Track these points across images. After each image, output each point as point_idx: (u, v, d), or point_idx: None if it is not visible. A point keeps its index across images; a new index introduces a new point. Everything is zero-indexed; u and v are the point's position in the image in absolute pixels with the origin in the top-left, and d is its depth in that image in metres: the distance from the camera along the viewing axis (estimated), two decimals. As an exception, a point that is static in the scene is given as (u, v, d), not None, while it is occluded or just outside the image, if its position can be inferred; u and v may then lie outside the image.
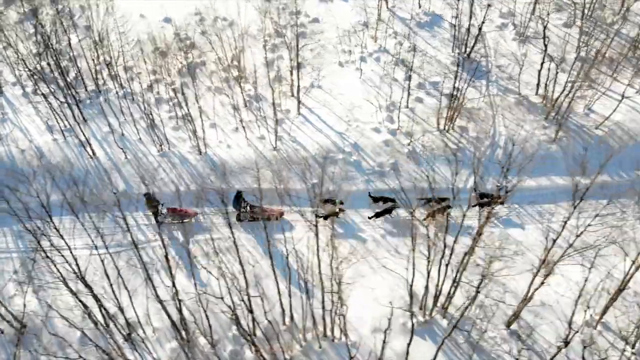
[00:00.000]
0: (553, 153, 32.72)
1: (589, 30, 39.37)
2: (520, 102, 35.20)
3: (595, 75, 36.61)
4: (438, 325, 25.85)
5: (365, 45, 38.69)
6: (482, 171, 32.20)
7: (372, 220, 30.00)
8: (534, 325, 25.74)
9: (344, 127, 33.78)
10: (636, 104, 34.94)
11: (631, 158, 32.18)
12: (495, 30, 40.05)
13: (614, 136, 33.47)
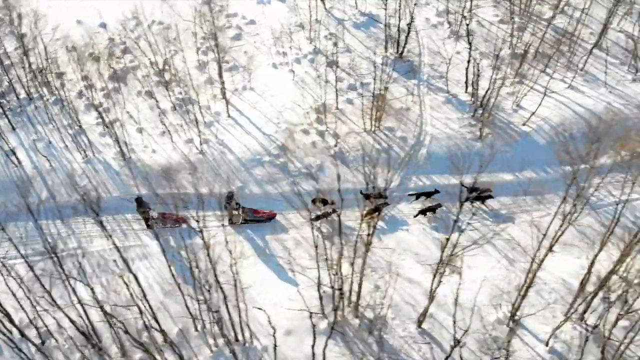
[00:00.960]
0: (478, 151, 32.80)
1: (523, 26, 39.75)
2: (449, 100, 35.32)
3: (526, 71, 36.95)
4: (349, 325, 25.84)
5: (300, 46, 38.67)
6: (405, 171, 32.53)
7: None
8: (446, 324, 25.78)
9: (273, 129, 33.74)
10: (565, 99, 35.20)
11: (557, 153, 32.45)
12: (430, 29, 40.20)
13: (540, 132, 33.68)
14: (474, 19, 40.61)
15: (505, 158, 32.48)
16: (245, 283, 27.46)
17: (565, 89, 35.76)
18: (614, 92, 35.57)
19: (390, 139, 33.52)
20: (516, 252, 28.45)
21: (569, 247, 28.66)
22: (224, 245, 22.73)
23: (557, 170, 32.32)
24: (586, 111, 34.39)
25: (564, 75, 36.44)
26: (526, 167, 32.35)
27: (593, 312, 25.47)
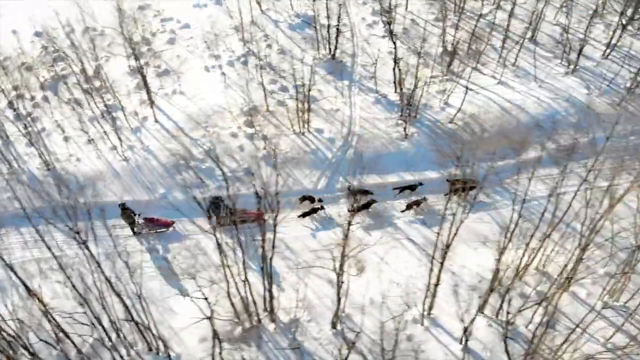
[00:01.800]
0: (404, 150, 32.83)
1: (457, 23, 39.84)
2: (378, 100, 35.31)
3: (457, 68, 37.07)
4: (265, 330, 25.75)
5: (233, 49, 38.49)
6: (333, 171, 32.49)
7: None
8: (362, 324, 25.75)
9: (201, 133, 33.56)
10: (494, 95, 35.31)
11: (483, 150, 32.50)
12: (365, 29, 40.16)
13: (467, 129, 33.76)
14: (408, 17, 40.78)
15: (430, 156, 32.55)
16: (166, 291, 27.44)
17: (496, 85, 35.90)
18: (544, 86, 35.75)
19: (318, 140, 33.45)
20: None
21: (490, 243, 28.73)
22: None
23: (482, 166, 32.37)
24: (514, 106, 34.54)
25: (494, 71, 36.56)
26: (452, 164, 32.36)
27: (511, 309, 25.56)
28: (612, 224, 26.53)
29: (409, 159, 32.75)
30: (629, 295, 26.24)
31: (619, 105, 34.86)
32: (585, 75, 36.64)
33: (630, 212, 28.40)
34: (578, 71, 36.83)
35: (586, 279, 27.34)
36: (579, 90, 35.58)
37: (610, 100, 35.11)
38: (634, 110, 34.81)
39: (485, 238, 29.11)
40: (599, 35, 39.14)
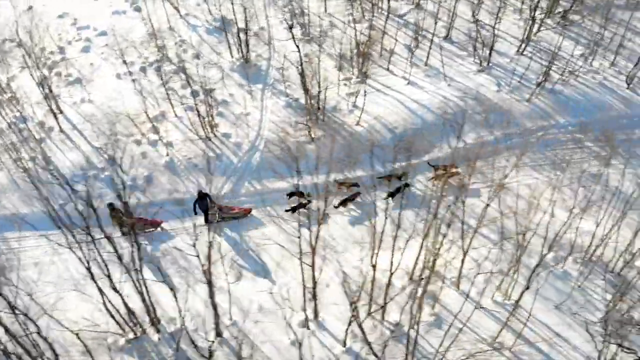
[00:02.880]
0: (309, 153, 32.62)
1: (374, 24, 39.80)
2: (289, 104, 35.15)
3: (370, 69, 37.01)
4: (149, 340, 25.46)
5: (148, 55, 38.18)
6: (238, 177, 32.28)
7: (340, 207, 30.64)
8: (249, 331, 25.53)
9: (104, 141, 33.20)
10: (402, 96, 35.27)
11: (390, 150, 32.42)
12: (283, 32, 39.97)
13: (373, 131, 33.67)
14: (328, 19, 40.70)
15: (336, 159, 32.35)
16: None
17: (405, 85, 35.86)
18: (453, 85, 35.75)
19: (225, 145, 33.23)
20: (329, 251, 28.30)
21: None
22: None
23: (387, 168, 32.34)
24: (420, 106, 34.50)
25: (404, 70, 36.52)
26: (357, 166, 32.33)
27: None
28: (501, 221, 26.53)
29: (314, 161, 32.51)
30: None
31: (528, 101, 34.92)
32: (498, 72, 36.72)
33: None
34: (491, 68, 36.91)
35: (478, 276, 27.43)
36: (489, 88, 35.63)
37: (520, 96, 35.16)
38: (544, 105, 34.90)
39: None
40: (516, 32, 39.25)
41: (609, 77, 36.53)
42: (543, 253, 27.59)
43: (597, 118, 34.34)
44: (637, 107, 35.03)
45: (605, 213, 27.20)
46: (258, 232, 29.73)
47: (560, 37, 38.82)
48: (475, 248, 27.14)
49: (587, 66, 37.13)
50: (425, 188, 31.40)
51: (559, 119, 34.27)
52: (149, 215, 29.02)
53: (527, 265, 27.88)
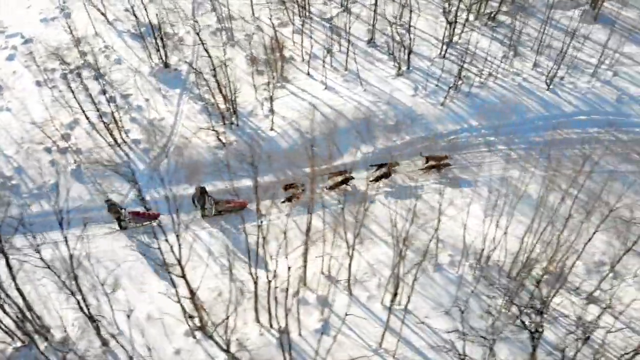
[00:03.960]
0: (221, 159, 32.54)
1: (299, 28, 39.78)
2: (205, 109, 35.06)
3: (290, 73, 37.00)
4: (35, 349, 25.35)
5: (70, 62, 38.06)
6: (144, 184, 32.15)
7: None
8: (135, 340, 25.43)
9: (14, 149, 33.14)
10: (318, 100, 35.17)
11: (302, 156, 32.35)
12: (209, 36, 39.90)
13: (286, 136, 33.60)
14: (255, 23, 40.64)
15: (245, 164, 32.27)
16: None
17: (323, 90, 35.79)
18: (370, 89, 35.68)
19: (134, 151, 33.16)
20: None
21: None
22: None
23: (300, 172, 32.31)
24: (334, 112, 34.42)
25: (323, 75, 36.43)
26: (268, 172, 32.25)
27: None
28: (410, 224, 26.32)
29: (225, 167, 32.47)
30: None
31: (443, 105, 34.86)
32: (417, 76, 36.64)
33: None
34: (411, 72, 36.84)
35: (371, 281, 27.43)
36: (405, 92, 35.56)
37: (435, 100, 35.09)
38: (458, 109, 34.83)
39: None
40: (441, 34, 39.09)
41: (530, 79, 36.46)
42: (435, 256, 27.87)
43: (512, 121, 34.30)
44: (556, 108, 34.95)
45: (507, 217, 26.97)
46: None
47: (486, 38, 38.92)
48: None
49: (508, 68, 37.05)
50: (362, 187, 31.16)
51: (472, 122, 34.19)
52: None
53: (423, 269, 27.91)
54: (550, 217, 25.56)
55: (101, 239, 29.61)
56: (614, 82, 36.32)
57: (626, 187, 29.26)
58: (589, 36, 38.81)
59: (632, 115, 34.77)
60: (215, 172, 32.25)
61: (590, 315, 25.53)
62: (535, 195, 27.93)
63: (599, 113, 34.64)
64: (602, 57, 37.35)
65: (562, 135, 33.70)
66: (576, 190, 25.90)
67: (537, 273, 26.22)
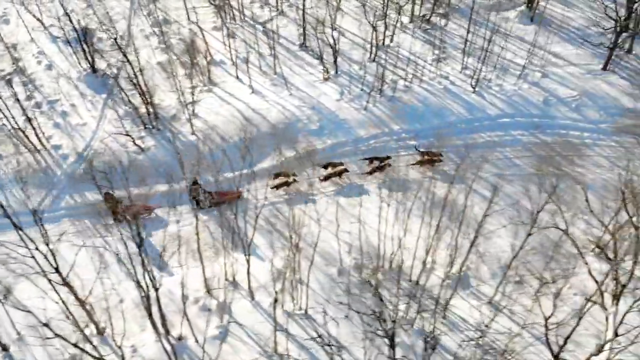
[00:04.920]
0: (139, 164, 32.48)
1: (233, 32, 39.79)
2: (128, 113, 35.02)
3: (218, 77, 36.99)
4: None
5: (2, 68, 38.09)
6: (60, 190, 32.09)
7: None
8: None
9: None
10: (243, 104, 35.10)
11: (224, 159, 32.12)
12: (142, 40, 39.92)
13: (207, 140, 33.52)
14: (189, 27, 40.61)
15: (163, 170, 32.25)
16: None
17: (250, 94, 35.73)
18: (296, 94, 35.62)
19: (52, 157, 33.11)
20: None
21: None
22: None
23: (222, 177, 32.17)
24: (258, 115, 34.37)
25: (253, 79, 36.36)
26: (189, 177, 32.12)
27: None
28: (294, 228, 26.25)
29: (143, 172, 32.42)
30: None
31: (366, 110, 34.75)
32: (345, 80, 36.54)
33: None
34: (339, 76, 36.76)
35: (274, 287, 27.28)
36: (331, 96, 35.49)
37: (359, 104, 34.99)
38: (380, 113, 34.73)
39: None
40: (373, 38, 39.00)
41: (458, 82, 36.35)
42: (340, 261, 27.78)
43: (434, 124, 34.17)
44: (480, 111, 34.83)
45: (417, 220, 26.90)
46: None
47: (418, 41, 38.85)
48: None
49: (436, 71, 36.95)
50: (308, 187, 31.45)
51: (393, 126, 34.10)
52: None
53: (329, 275, 27.91)
54: (460, 221, 25.67)
55: None
56: (543, 83, 36.16)
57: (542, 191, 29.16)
58: (523, 37, 38.80)
59: (558, 117, 34.59)
60: (133, 177, 32.12)
61: (486, 318, 25.55)
62: (451, 199, 27.87)
63: (523, 115, 34.50)
64: (533, 58, 37.28)
65: (484, 139, 33.54)
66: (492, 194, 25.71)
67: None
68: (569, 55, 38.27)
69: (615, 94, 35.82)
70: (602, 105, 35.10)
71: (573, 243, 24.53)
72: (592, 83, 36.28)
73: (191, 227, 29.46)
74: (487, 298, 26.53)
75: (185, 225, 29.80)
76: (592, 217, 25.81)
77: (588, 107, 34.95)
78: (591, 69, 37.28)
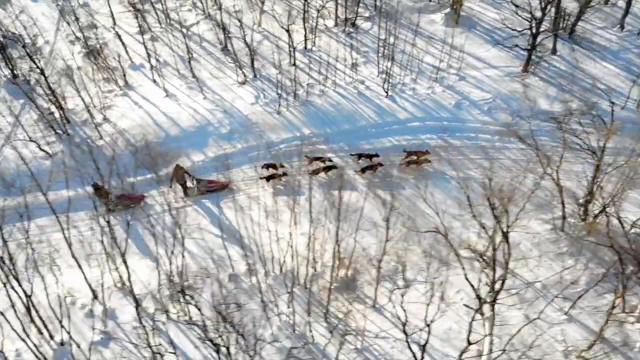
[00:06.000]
0: (45, 170, 32.49)
1: (157, 36, 39.92)
2: (41, 118, 35.09)
3: (137, 81, 37.10)
4: None
5: None
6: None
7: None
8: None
9: None
10: (154, 109, 35.28)
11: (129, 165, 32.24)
12: (66, 45, 40.04)
13: (115, 145, 33.58)
14: (113, 31, 40.70)
15: (71, 174, 32.26)
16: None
17: (164, 98, 35.86)
18: (210, 97, 35.77)
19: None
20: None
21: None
22: None
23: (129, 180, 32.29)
24: (169, 120, 34.50)
25: (170, 82, 36.51)
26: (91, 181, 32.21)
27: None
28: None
29: (51, 177, 32.46)
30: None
31: (279, 114, 34.84)
32: (263, 84, 36.66)
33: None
34: (257, 80, 36.87)
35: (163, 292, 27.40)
36: (246, 100, 35.60)
37: (273, 109, 35.09)
38: (293, 117, 34.83)
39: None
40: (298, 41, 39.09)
41: (373, 86, 36.40)
42: (231, 266, 27.85)
43: (345, 129, 34.26)
44: (390, 115, 34.89)
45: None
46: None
47: (341, 45, 38.93)
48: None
49: (354, 75, 37.01)
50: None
51: (304, 130, 34.17)
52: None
53: (220, 281, 27.95)
54: (358, 225, 26.03)
55: None
56: (458, 86, 36.22)
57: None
58: (446, 40, 38.83)
59: (469, 121, 34.64)
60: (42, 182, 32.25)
61: (369, 323, 25.70)
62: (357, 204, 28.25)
63: (433, 119, 34.55)
64: (452, 61, 37.36)
65: (392, 142, 33.62)
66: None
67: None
68: (491, 57, 38.32)
69: (532, 96, 35.81)
70: (516, 108, 35.10)
71: (451, 247, 24.57)
72: (509, 85, 36.32)
73: (90, 232, 29.80)
74: (371, 302, 26.60)
75: (85, 230, 29.88)
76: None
77: (500, 110, 34.95)
78: (511, 71, 37.32)
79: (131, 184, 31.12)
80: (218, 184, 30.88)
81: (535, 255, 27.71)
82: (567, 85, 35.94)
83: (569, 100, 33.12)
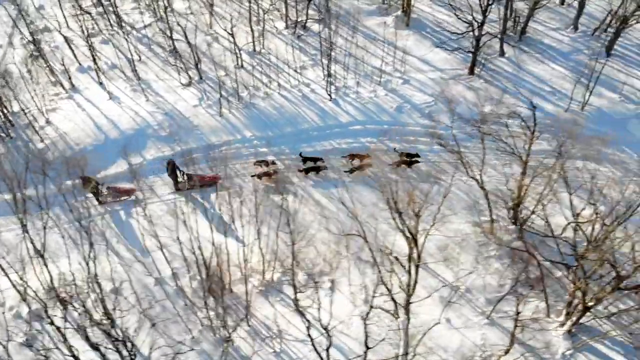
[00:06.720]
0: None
1: (109, 39, 40.01)
2: (-6, 124, 35.31)
3: (84, 83, 37.20)
4: None
5: None
6: None
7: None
8: None
9: None
10: (97, 111, 35.39)
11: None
12: (20, 49, 40.17)
13: (54, 147, 33.70)
14: (67, 34, 40.76)
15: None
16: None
17: (107, 101, 35.98)
18: (152, 100, 35.93)
19: None
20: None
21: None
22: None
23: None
24: (109, 122, 34.62)
25: (115, 85, 36.63)
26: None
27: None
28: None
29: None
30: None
31: (221, 116, 34.96)
32: (208, 86, 36.78)
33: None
34: (202, 82, 37.00)
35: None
36: (189, 103, 35.73)
37: (216, 111, 35.21)
38: (235, 120, 34.94)
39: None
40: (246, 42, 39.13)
41: (318, 89, 36.49)
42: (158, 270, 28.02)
43: (286, 132, 34.35)
44: (332, 119, 34.98)
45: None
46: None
47: (290, 47, 39.00)
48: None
49: (300, 78, 37.12)
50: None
51: (246, 133, 34.28)
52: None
53: (146, 285, 28.12)
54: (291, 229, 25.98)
55: None
56: (401, 90, 36.33)
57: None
58: (394, 42, 38.90)
59: (410, 124, 34.74)
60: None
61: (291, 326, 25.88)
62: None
63: (374, 122, 34.66)
64: (398, 64, 37.47)
65: (333, 146, 33.75)
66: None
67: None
68: (438, 60, 38.39)
69: (475, 98, 35.86)
70: (458, 110, 35.12)
71: (370, 249, 24.70)
72: (453, 88, 36.38)
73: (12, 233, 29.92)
74: (294, 305, 26.71)
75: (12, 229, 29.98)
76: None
77: (441, 112, 35.02)
78: (458, 74, 37.42)
79: (68, 186, 31.09)
80: (209, 178, 30.91)
81: (461, 258, 27.85)
82: (511, 87, 36.05)
83: (507, 104, 33.18)
